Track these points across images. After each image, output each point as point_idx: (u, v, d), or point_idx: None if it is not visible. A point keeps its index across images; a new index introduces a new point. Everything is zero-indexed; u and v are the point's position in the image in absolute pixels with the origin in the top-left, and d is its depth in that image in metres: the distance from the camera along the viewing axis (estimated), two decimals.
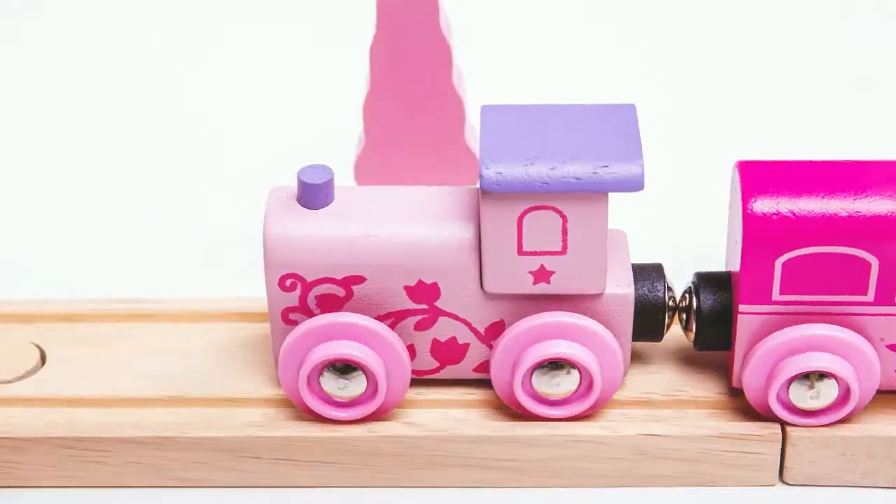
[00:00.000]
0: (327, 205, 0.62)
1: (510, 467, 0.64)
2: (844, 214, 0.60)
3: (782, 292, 0.61)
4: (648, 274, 0.64)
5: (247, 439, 0.63)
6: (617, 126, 0.61)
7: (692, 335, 0.64)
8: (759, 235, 0.60)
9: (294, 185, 0.63)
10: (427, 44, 0.70)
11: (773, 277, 0.61)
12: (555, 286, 0.61)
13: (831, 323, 0.62)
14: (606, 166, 0.59)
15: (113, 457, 0.63)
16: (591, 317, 0.62)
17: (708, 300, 0.63)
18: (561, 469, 0.64)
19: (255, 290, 0.68)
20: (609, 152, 0.59)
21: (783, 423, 0.63)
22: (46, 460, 0.64)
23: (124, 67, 0.94)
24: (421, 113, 0.71)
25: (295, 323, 0.63)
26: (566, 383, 0.62)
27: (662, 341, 0.65)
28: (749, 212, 0.60)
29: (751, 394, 0.63)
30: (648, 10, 0.99)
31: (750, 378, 0.62)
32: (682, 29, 0.97)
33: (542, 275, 0.61)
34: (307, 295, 0.62)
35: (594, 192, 0.59)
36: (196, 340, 0.68)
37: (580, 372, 0.62)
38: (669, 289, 0.64)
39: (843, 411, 0.62)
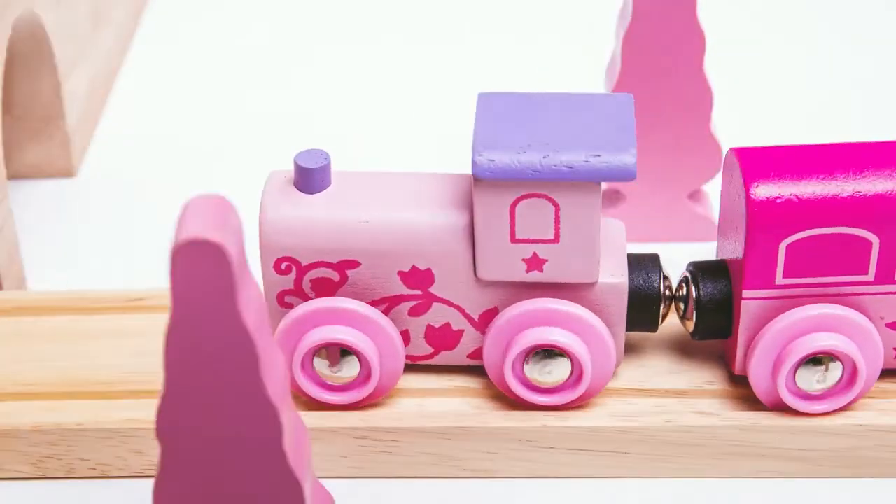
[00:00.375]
0: (324, 189, 0.62)
1: (803, 458, 0.63)
2: (845, 195, 0.60)
3: (785, 276, 0.61)
4: (644, 264, 0.63)
5: (541, 429, 0.62)
6: (611, 115, 0.60)
7: (691, 324, 0.63)
8: (763, 220, 0.60)
9: (292, 169, 0.63)
10: (683, 31, 0.69)
11: (776, 261, 0.60)
12: (548, 274, 0.61)
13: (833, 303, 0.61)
14: (599, 155, 0.58)
15: (403, 447, 0.63)
16: (584, 306, 0.62)
17: (707, 288, 0.62)
18: (856, 459, 0.63)
19: None
20: (602, 141, 0.59)
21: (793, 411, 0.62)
22: (337, 451, 0.63)
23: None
24: (671, 99, 0.71)
25: (290, 306, 0.63)
26: (557, 371, 0.62)
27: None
28: (752, 197, 0.60)
29: (756, 381, 0.62)
30: None
31: (756, 364, 0.62)
32: None
33: (534, 263, 0.61)
34: (302, 278, 0.62)
35: (586, 181, 0.59)
36: None
37: (571, 360, 0.62)
38: (665, 278, 0.63)
39: (851, 393, 0.62)
